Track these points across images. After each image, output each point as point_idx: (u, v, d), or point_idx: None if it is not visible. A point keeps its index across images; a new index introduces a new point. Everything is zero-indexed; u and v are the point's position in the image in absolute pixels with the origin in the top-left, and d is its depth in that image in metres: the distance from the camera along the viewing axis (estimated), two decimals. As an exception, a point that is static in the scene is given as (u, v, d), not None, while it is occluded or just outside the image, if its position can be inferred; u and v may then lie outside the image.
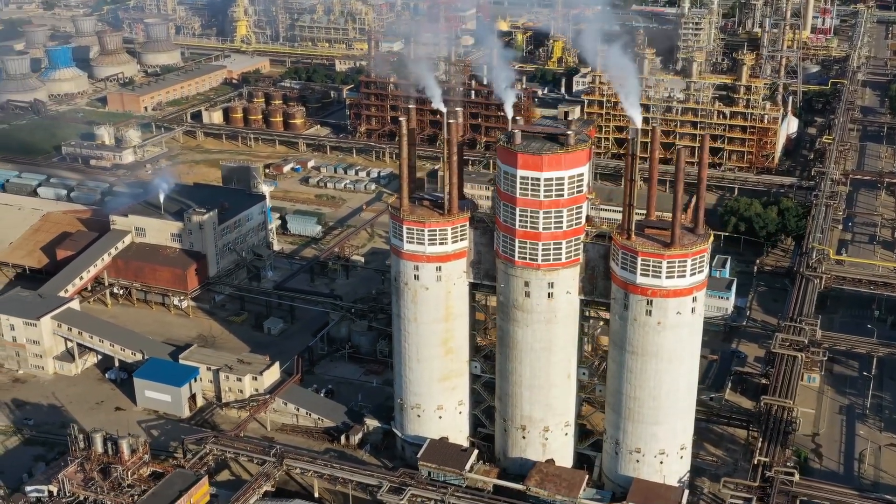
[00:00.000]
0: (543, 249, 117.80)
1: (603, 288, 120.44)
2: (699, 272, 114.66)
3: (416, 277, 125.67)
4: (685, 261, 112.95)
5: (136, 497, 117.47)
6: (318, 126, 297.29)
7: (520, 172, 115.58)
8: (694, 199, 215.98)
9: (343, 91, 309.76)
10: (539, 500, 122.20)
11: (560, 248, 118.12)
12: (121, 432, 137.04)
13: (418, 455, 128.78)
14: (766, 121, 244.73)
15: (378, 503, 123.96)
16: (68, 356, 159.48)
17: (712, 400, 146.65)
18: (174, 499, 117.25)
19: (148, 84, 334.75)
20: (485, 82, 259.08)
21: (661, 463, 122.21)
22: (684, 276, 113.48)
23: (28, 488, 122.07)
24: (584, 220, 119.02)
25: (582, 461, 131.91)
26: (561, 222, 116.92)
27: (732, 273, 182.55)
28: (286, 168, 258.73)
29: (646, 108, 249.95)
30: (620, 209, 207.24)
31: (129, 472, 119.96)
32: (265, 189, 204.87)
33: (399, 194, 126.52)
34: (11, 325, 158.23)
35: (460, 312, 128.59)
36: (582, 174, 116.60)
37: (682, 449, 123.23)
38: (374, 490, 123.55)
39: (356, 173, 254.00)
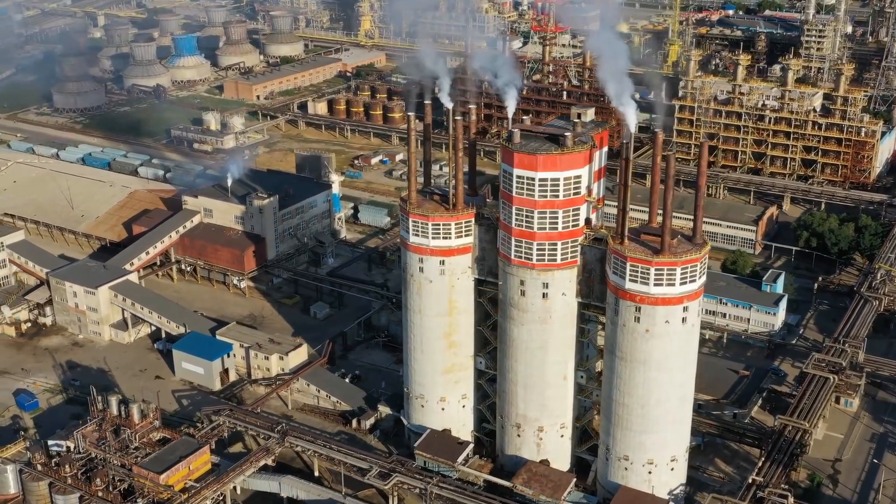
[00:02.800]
0: (538, 249, 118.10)
1: (599, 292, 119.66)
2: (690, 281, 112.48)
3: (421, 270, 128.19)
4: (674, 269, 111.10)
5: (139, 458, 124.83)
6: (417, 121, 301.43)
7: (516, 171, 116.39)
8: (768, 211, 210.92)
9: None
10: (525, 498, 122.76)
11: (555, 249, 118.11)
12: (154, 399, 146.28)
13: (415, 444, 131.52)
14: (863, 134, 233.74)
15: (371, 486, 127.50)
16: (123, 325, 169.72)
17: (735, 416, 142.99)
18: (173, 463, 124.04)
19: (263, 74, 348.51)
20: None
21: (650, 473, 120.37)
22: (673, 284, 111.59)
23: (50, 442, 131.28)
24: (581, 223, 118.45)
25: (583, 465, 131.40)
26: (556, 223, 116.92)
27: (789, 289, 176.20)
28: (374, 160, 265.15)
29: (738, 115, 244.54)
30: (690, 216, 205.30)
31: (136, 435, 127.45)
32: (334, 178, 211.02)
33: (408, 187, 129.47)
34: (74, 293, 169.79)
35: (464, 308, 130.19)
36: (579, 176, 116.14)
37: (672, 460, 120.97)
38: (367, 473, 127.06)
39: (440, 168, 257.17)
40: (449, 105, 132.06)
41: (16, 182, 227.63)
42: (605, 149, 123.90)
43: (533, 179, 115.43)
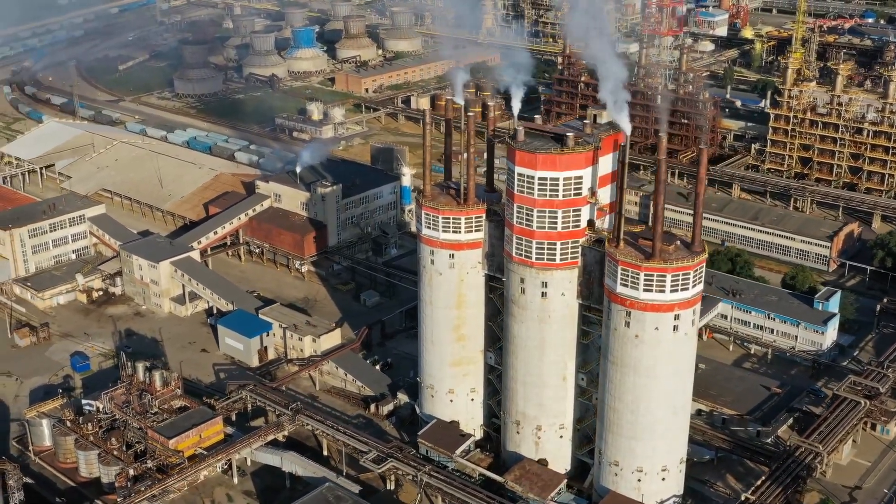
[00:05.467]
0: (537, 248, 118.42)
1: (598, 294, 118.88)
2: (682, 289, 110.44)
3: (432, 262, 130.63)
4: (664, 275, 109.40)
5: (155, 423, 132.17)
6: (516, 120, 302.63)
7: (517, 169, 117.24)
8: (847, 227, 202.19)
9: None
10: (515, 495, 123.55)
11: (554, 249, 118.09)
12: (195, 371, 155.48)
13: (419, 433, 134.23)
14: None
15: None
16: (182, 299, 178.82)
17: (759, 434, 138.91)
18: (185, 430, 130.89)
19: (375, 68, 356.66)
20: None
21: (640, 481, 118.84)
22: (663, 290, 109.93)
23: (83, 401, 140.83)
24: (582, 224, 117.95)
25: (586, 468, 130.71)
26: (555, 223, 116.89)
27: (849, 309, 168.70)
28: (463, 155, 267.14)
29: (835, 127, 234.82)
30: (762, 228, 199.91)
31: (157, 401, 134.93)
32: (405, 171, 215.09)
33: (423, 180, 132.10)
34: (140, 266, 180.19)
35: (473, 302, 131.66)
36: (580, 177, 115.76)
37: (663, 470, 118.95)
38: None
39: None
40: (461, 102, 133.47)
41: (117, 160, 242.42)
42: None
43: (532, 178, 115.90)
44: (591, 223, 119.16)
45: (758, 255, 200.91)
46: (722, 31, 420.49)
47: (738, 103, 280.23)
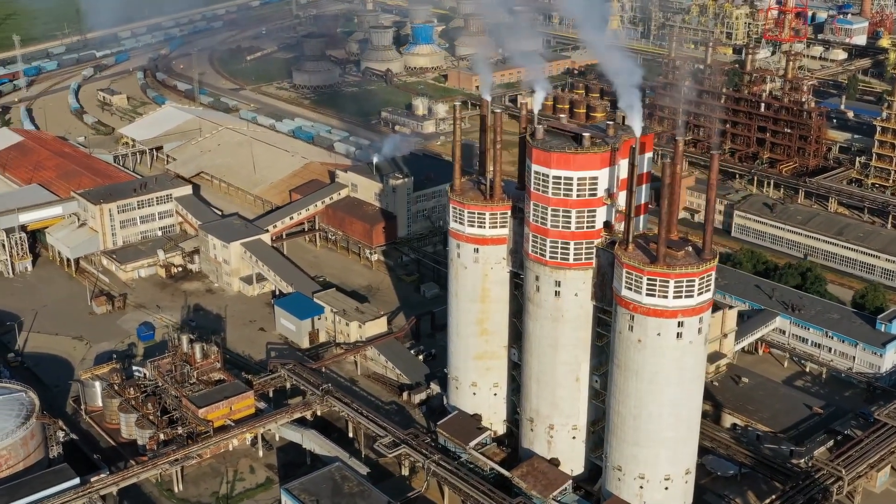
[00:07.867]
0: (551, 246, 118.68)
1: (611, 296, 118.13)
2: (687, 296, 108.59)
3: (458, 255, 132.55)
4: (667, 281, 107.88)
5: (190, 393, 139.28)
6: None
7: (533, 167, 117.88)
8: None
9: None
10: (520, 491, 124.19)
11: (568, 249, 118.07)
12: (249, 348, 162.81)
13: (438, 422, 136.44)
14: None
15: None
16: (250, 279, 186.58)
17: (792, 453, 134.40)
18: (216, 401, 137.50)
19: (489, 66, 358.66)
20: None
21: (641, 488, 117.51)
22: (666, 296, 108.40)
23: (134, 367, 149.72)
24: (598, 225, 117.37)
25: (600, 472, 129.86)
26: (569, 222, 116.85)
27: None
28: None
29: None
30: (846, 244, 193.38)
31: (195, 372, 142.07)
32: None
33: (453, 174, 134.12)
34: (214, 245, 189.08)
35: (497, 297, 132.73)
36: (595, 177, 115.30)
37: (666, 479, 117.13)
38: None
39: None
40: (488, 99, 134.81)
41: (220, 145, 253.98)
42: (649, 154, 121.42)
43: (547, 176, 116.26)
44: (608, 225, 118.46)
45: (840, 271, 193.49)
46: (860, 40, 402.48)
47: (851, 114, 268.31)
